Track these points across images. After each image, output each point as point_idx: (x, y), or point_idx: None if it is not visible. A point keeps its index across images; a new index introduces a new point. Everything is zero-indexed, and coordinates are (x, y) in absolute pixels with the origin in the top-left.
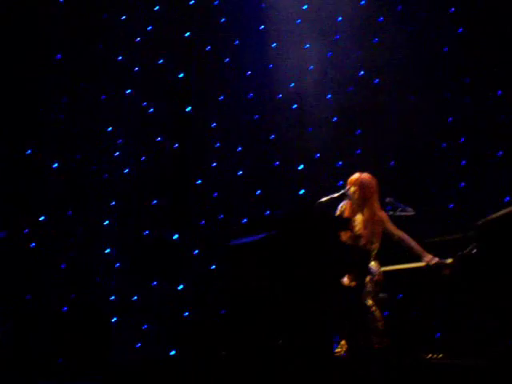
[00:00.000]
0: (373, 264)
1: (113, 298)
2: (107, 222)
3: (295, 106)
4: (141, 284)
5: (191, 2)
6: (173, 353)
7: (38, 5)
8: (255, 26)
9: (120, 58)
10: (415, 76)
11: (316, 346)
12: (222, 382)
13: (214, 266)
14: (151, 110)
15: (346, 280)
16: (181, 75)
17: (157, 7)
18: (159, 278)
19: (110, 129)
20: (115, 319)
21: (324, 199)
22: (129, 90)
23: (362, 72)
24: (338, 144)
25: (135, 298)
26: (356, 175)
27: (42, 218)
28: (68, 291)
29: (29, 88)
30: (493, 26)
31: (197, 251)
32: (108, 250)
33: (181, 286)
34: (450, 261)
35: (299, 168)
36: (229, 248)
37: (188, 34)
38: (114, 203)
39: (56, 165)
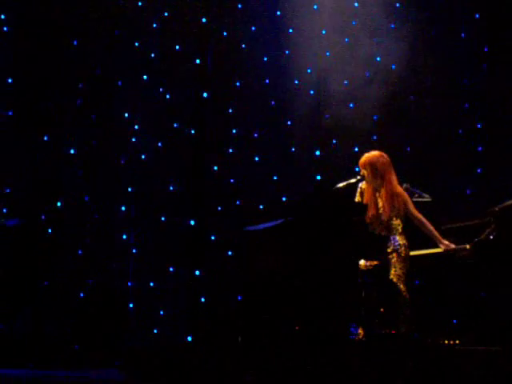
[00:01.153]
0: (398, 238)
1: (129, 283)
2: (124, 207)
3: (312, 91)
4: (157, 270)
5: None
6: (189, 339)
7: None
8: (272, 11)
9: (136, 44)
10: (432, 62)
11: (333, 332)
12: (238, 367)
13: (230, 252)
14: (168, 96)
15: (363, 263)
16: (197, 61)
17: None
18: (176, 263)
19: (126, 115)
20: (132, 305)
21: (341, 185)
22: (145, 77)
23: (379, 58)
24: (354, 130)
25: (152, 283)
26: (364, 157)
27: (58, 204)
28: (85, 277)
29: (45, 74)
30: (510, 11)
31: (214, 237)
32: (125, 236)
33: (197, 272)
34: (467, 247)
35: (316, 154)
36: (245, 234)
37: (204, 19)
38: (130, 189)
39: (73, 151)
